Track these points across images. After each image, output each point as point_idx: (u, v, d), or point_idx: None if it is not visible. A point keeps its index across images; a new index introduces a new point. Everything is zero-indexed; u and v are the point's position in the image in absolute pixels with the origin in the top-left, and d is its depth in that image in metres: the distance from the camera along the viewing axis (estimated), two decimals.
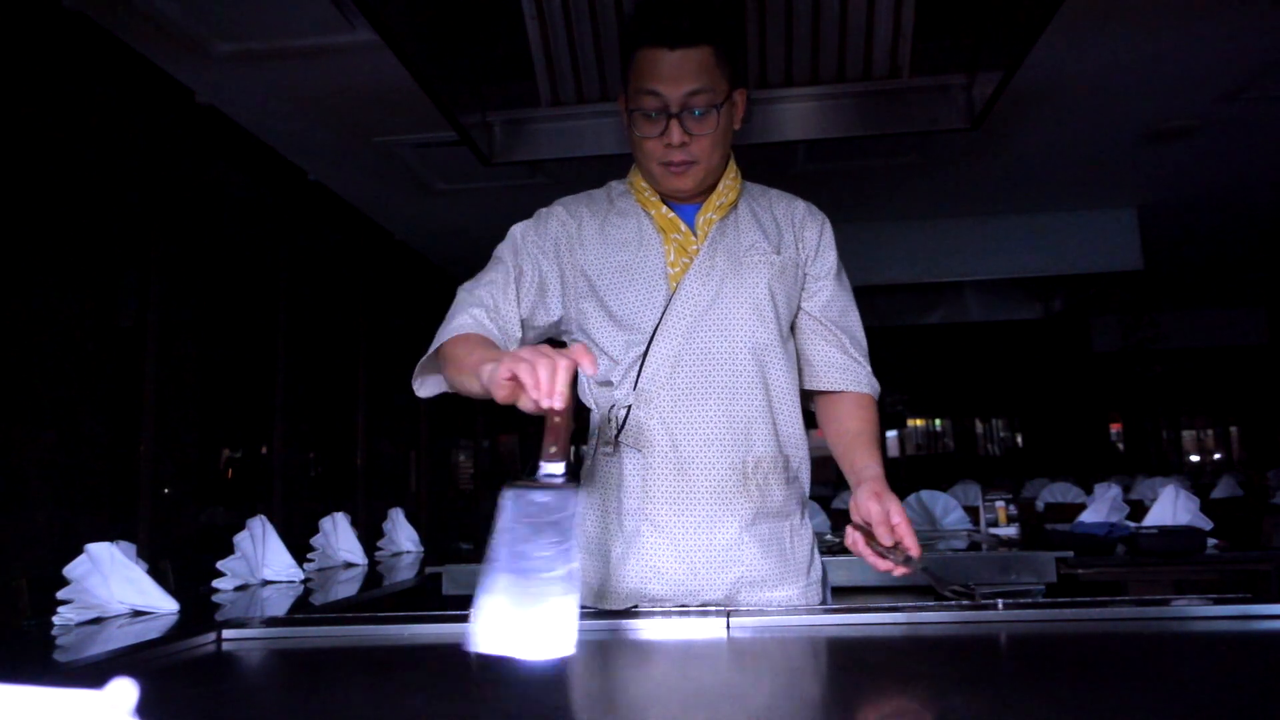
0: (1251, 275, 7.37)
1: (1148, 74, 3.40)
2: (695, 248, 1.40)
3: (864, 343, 1.49)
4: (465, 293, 1.38)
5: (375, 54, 2.86)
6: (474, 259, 1.49)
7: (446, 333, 1.30)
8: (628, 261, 1.40)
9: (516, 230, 1.45)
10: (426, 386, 1.36)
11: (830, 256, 1.49)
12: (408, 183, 4.32)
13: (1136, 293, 7.72)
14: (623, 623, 1.20)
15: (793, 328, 1.48)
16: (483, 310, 1.33)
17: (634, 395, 1.37)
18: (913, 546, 1.20)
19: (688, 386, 1.35)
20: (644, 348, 1.36)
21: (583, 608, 1.34)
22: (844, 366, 1.46)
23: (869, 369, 1.48)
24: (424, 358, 1.32)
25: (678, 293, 1.37)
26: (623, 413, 1.37)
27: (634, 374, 1.37)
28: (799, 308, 1.47)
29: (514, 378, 0.98)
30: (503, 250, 1.43)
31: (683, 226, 1.42)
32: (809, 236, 1.47)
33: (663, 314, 1.36)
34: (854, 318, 1.50)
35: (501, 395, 1.00)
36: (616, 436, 1.37)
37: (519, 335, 1.37)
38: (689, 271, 1.38)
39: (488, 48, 2.28)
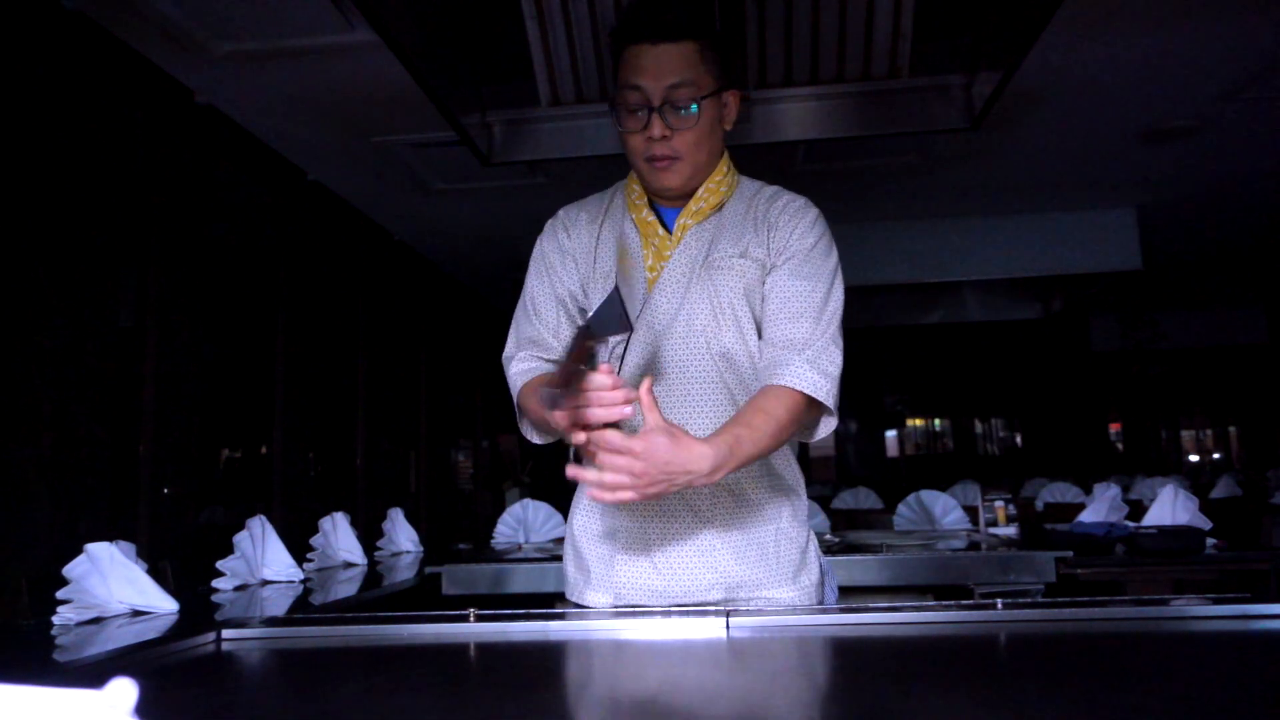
0: (1251, 275, 7.37)
1: (1148, 74, 3.40)
2: (670, 253, 1.39)
3: (810, 337, 1.30)
4: (507, 360, 1.45)
5: (375, 54, 2.86)
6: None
7: (514, 389, 1.40)
8: (613, 267, 1.41)
9: (536, 249, 1.50)
10: (534, 434, 1.41)
11: (794, 243, 1.36)
12: (407, 182, 4.32)
13: (1136, 292, 7.72)
14: (622, 623, 1.20)
15: None
16: (528, 353, 1.42)
17: None
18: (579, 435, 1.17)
19: (657, 399, 1.32)
20: (621, 357, 1.37)
21: (577, 607, 1.38)
22: (770, 361, 1.32)
23: (805, 364, 1.27)
24: (517, 417, 1.42)
25: (649, 300, 1.36)
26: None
27: None
28: None
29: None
30: (528, 273, 1.49)
31: (660, 231, 1.40)
32: (780, 233, 1.37)
33: (635, 321, 1.36)
34: (806, 306, 1.32)
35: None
36: None
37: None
38: (659, 278, 1.37)
39: (488, 48, 2.28)
